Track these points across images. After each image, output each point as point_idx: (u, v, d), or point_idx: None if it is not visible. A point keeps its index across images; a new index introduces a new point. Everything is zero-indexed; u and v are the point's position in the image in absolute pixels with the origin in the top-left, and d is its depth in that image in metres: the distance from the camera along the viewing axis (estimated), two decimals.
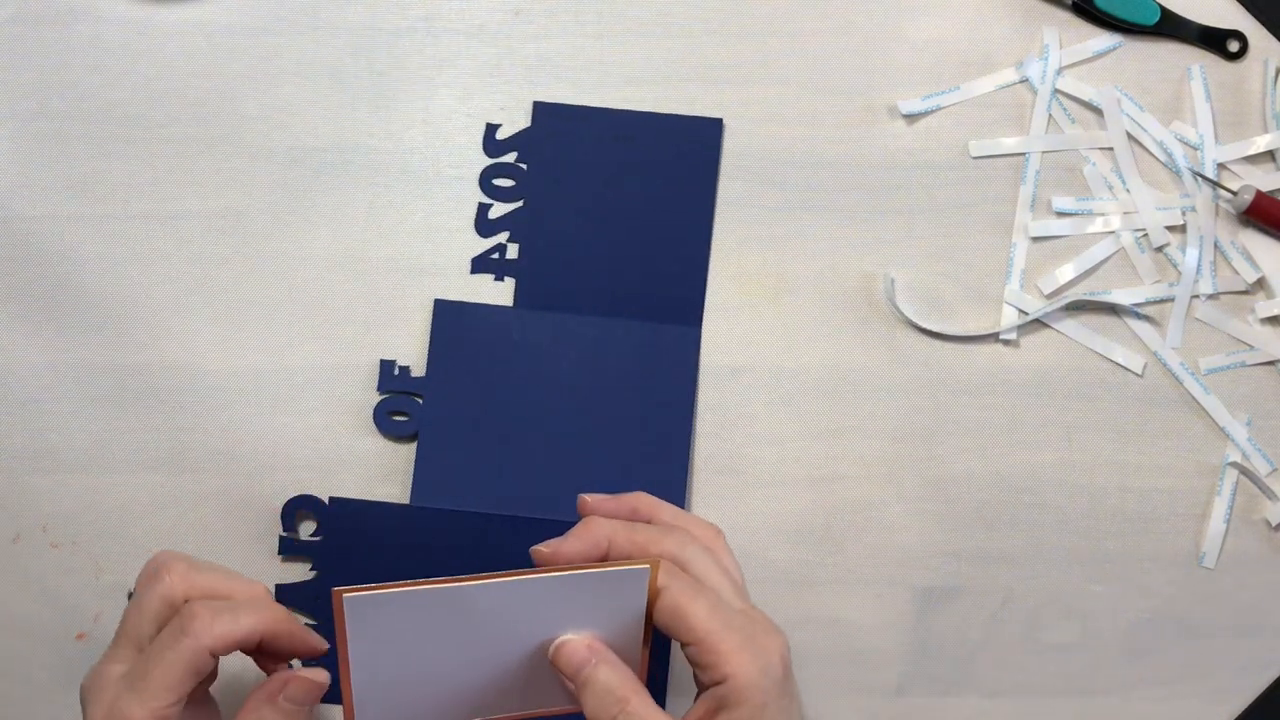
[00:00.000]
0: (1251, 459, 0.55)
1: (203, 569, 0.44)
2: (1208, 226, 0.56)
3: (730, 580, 0.44)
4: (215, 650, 0.42)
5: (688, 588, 0.42)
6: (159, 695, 0.41)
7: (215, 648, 0.42)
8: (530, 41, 0.56)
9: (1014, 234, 0.56)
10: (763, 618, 0.43)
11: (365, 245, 0.55)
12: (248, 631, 0.42)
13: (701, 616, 0.41)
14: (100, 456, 0.55)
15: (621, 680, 0.42)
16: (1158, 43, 0.57)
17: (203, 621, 0.42)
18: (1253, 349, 0.56)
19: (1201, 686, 0.55)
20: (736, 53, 0.56)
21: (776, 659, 0.41)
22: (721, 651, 0.41)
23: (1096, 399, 0.55)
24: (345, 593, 0.41)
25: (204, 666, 0.42)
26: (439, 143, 0.56)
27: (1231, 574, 0.55)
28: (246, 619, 0.43)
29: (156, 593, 0.43)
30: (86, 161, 0.55)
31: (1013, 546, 0.55)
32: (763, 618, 0.43)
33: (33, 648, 0.54)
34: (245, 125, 0.56)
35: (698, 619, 0.41)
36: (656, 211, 0.55)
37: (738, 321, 0.55)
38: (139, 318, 0.55)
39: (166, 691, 0.41)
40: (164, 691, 0.41)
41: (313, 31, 0.56)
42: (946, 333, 0.55)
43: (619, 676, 0.42)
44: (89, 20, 0.56)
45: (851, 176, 0.56)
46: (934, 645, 0.55)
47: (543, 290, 0.55)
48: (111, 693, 0.41)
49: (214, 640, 0.41)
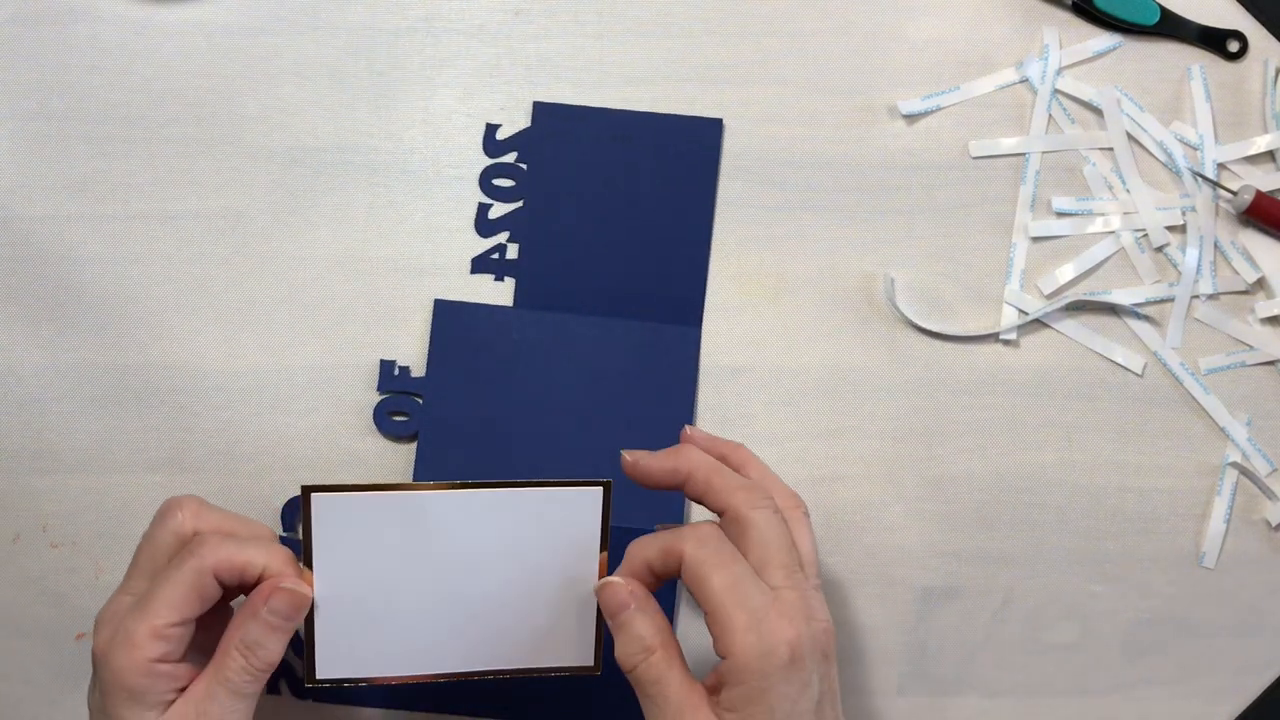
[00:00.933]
0: (1251, 459, 0.55)
1: (213, 509, 0.45)
2: (1208, 226, 0.56)
3: (787, 553, 0.43)
4: (219, 572, 0.42)
5: (713, 556, 0.42)
6: (160, 613, 0.41)
7: (219, 569, 0.42)
8: (530, 41, 0.56)
9: (1014, 234, 0.56)
10: (794, 601, 0.42)
11: (365, 245, 0.55)
12: (249, 560, 0.43)
13: (716, 588, 0.41)
14: (100, 456, 0.55)
15: (654, 631, 0.43)
16: (1158, 43, 0.57)
17: (209, 545, 0.43)
18: (1253, 349, 0.56)
19: (1201, 686, 0.55)
20: (736, 53, 0.56)
21: (783, 645, 0.41)
22: (728, 627, 0.41)
23: (1096, 399, 0.55)
24: (313, 490, 0.43)
25: (208, 589, 0.42)
26: (439, 143, 0.56)
27: (1231, 574, 0.55)
28: (252, 550, 0.43)
29: (168, 528, 0.44)
30: (86, 161, 0.55)
31: (1013, 546, 0.55)
32: (794, 601, 0.42)
33: (33, 648, 0.54)
34: (245, 125, 0.56)
35: (712, 590, 0.41)
36: (656, 211, 0.55)
37: (738, 321, 0.55)
38: (139, 318, 0.55)
39: (169, 609, 0.42)
40: (166, 609, 0.42)
41: (312, 31, 0.56)
42: (946, 333, 0.55)
43: (652, 627, 0.43)
44: (88, 20, 0.56)
45: (851, 176, 0.56)
46: (934, 645, 0.55)
47: (543, 290, 0.55)
48: (119, 617, 0.42)
49: (217, 562, 0.42)
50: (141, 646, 0.41)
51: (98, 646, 0.42)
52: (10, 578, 0.54)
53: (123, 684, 0.41)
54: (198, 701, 0.42)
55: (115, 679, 0.41)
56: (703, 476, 0.45)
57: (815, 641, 0.42)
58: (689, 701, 0.41)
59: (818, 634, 0.42)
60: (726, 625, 0.41)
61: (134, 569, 0.44)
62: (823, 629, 0.43)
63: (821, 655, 0.42)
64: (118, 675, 0.41)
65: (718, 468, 0.45)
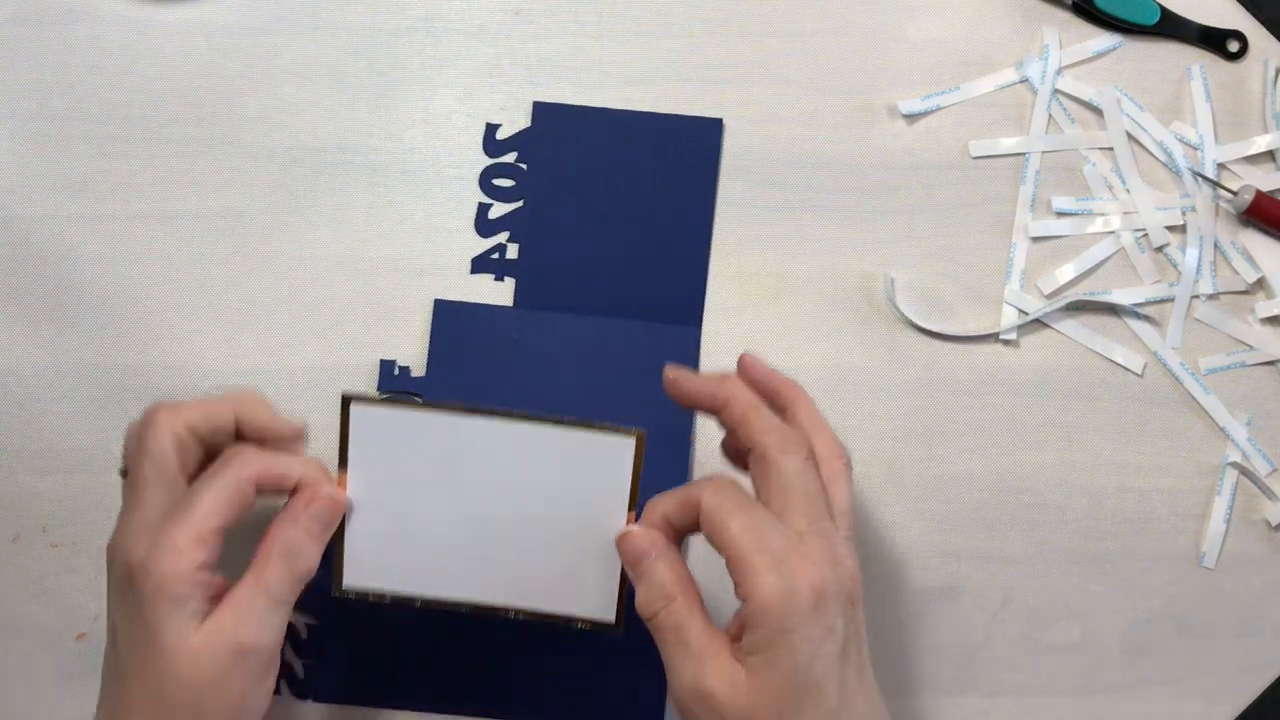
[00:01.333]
0: (1251, 459, 0.55)
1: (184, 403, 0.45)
2: (1208, 226, 0.56)
3: (812, 500, 0.42)
4: (259, 480, 0.43)
5: (730, 501, 0.42)
6: (204, 519, 0.42)
7: (259, 477, 0.43)
8: (530, 41, 0.56)
9: (1014, 234, 0.56)
10: (819, 546, 0.41)
11: (365, 245, 0.55)
12: (287, 470, 0.44)
13: (735, 532, 0.41)
14: (100, 456, 0.55)
15: (674, 578, 0.43)
16: (1158, 43, 0.57)
17: (248, 454, 0.43)
18: (1253, 349, 0.56)
19: (1201, 686, 0.55)
20: (736, 53, 0.56)
21: (807, 587, 0.40)
22: (747, 569, 0.40)
23: (1096, 399, 0.55)
24: (353, 401, 0.44)
25: (247, 497, 0.43)
26: (439, 143, 0.56)
27: (1231, 574, 0.55)
28: (289, 460, 0.44)
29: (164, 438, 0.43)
30: (86, 161, 0.55)
31: (1013, 546, 0.55)
32: (819, 546, 0.41)
33: (33, 648, 0.54)
34: (245, 125, 0.56)
35: (731, 534, 0.41)
36: (656, 211, 0.55)
37: (738, 321, 0.55)
38: (139, 318, 0.55)
39: (212, 516, 0.42)
40: (209, 515, 0.42)
41: (312, 31, 0.56)
42: (946, 333, 0.55)
43: (673, 575, 0.43)
44: (89, 20, 0.56)
45: (851, 176, 0.56)
46: (934, 645, 0.55)
47: (543, 290, 0.55)
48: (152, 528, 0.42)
49: (258, 470, 0.43)
50: (186, 552, 0.41)
51: (134, 558, 0.41)
52: (10, 578, 0.54)
53: (166, 591, 0.41)
54: (237, 608, 0.42)
55: (158, 587, 0.41)
56: (740, 409, 0.44)
57: (841, 586, 0.41)
58: (710, 648, 0.41)
59: (843, 578, 0.41)
60: (747, 568, 0.40)
61: (142, 486, 0.43)
62: (849, 574, 0.41)
63: (848, 600, 0.41)
64: (161, 583, 0.41)
65: (757, 405, 0.44)
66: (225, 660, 0.41)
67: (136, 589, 0.41)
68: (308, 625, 0.54)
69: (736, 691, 0.40)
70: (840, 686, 0.40)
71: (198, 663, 0.41)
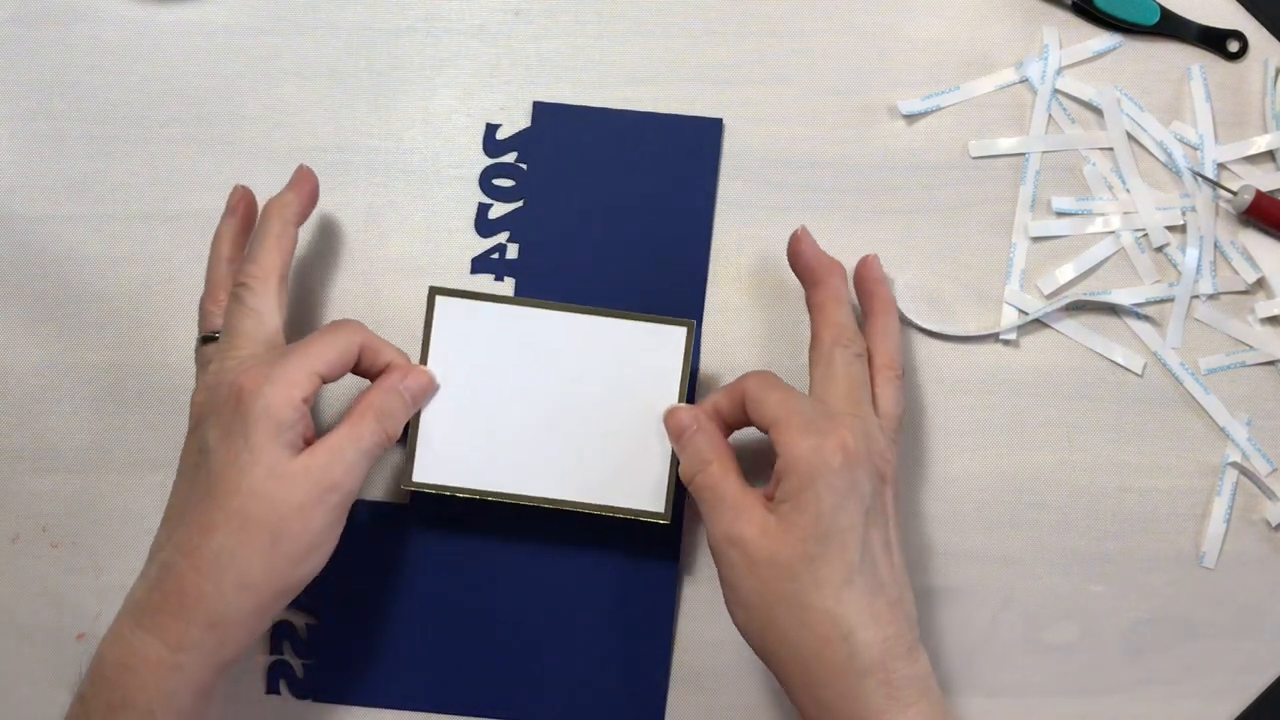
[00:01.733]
0: (1251, 459, 0.55)
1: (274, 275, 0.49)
2: (1208, 226, 0.56)
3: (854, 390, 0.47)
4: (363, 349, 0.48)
5: (771, 381, 0.47)
6: (317, 360, 0.46)
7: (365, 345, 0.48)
8: (530, 41, 0.56)
9: (1014, 234, 0.56)
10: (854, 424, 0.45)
11: (365, 245, 0.55)
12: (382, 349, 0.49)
13: (772, 403, 0.46)
14: (100, 456, 0.55)
15: (711, 446, 0.47)
16: (1158, 43, 0.57)
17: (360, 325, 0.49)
18: (1253, 349, 0.56)
19: (1201, 686, 0.55)
20: (736, 53, 0.56)
21: (835, 446, 0.44)
22: (782, 428, 0.45)
23: (1096, 399, 0.55)
24: (439, 293, 0.50)
25: (349, 359, 0.48)
26: (439, 143, 0.56)
27: (1231, 574, 0.55)
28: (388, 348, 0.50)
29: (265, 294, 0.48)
30: (86, 161, 0.55)
31: (1013, 546, 0.55)
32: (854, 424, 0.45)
33: (33, 648, 0.54)
34: (245, 125, 0.56)
35: (770, 404, 0.46)
36: (656, 212, 0.55)
37: (738, 322, 0.55)
38: (139, 318, 0.55)
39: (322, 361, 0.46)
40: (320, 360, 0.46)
41: (312, 31, 0.56)
42: (946, 333, 0.55)
43: (710, 444, 0.47)
44: (89, 20, 0.56)
45: (851, 176, 0.56)
46: (934, 645, 0.55)
47: (543, 290, 0.55)
48: (260, 365, 0.45)
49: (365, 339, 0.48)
50: (298, 384, 0.45)
51: (248, 382, 0.44)
52: (10, 578, 0.54)
53: (274, 415, 0.44)
54: (331, 450, 0.45)
55: (267, 410, 0.44)
56: (821, 296, 0.49)
57: (871, 459, 0.45)
58: (744, 500, 0.45)
59: (874, 454, 0.45)
60: (784, 426, 0.45)
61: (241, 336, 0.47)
62: (881, 454, 0.45)
63: (878, 475, 0.45)
64: (269, 407, 0.44)
65: (839, 299, 0.49)
66: (314, 492, 0.44)
67: (244, 411, 0.44)
68: (308, 625, 0.54)
69: (766, 534, 0.44)
70: (863, 544, 0.44)
71: (291, 489, 0.44)
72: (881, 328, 0.50)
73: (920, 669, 0.44)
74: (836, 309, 0.49)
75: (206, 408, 0.46)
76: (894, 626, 0.43)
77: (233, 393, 0.45)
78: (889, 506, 0.46)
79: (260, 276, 0.48)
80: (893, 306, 0.51)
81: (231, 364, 0.46)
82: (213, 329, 0.50)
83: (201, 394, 0.47)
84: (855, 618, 0.43)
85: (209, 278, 0.51)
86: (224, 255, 0.51)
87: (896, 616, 0.44)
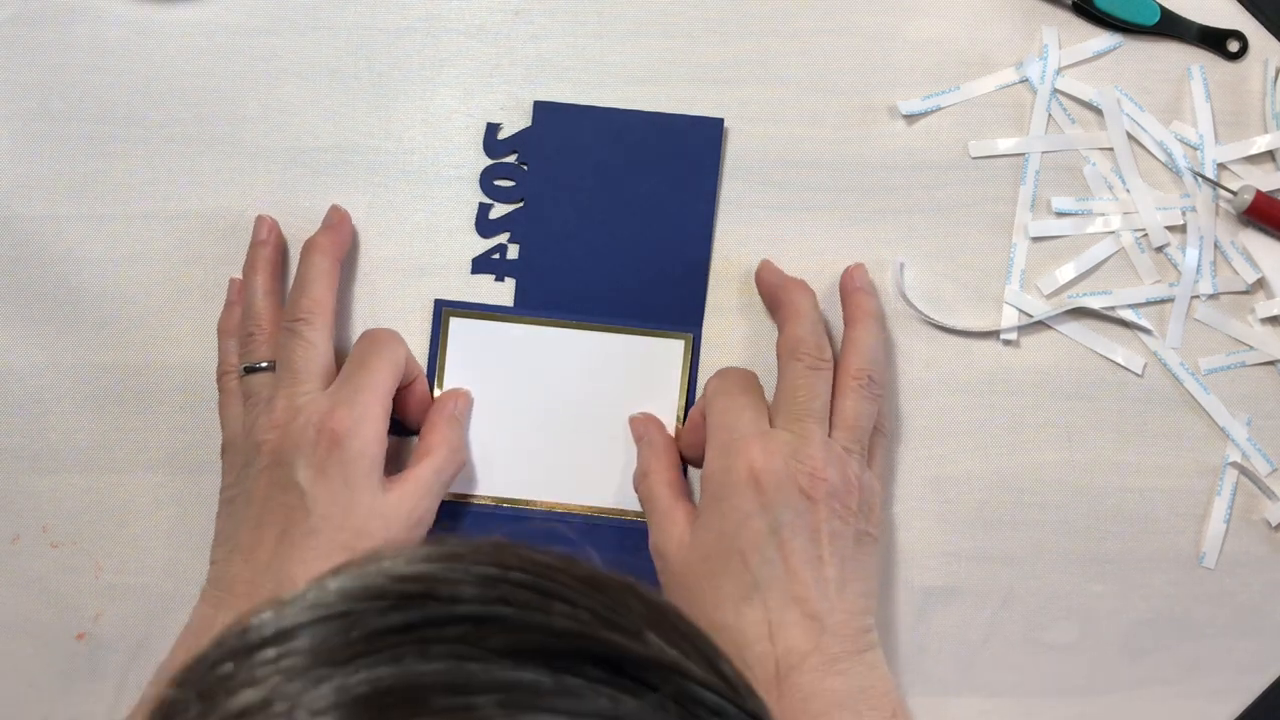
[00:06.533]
0: (1251, 459, 0.55)
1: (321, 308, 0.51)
2: (1208, 226, 0.56)
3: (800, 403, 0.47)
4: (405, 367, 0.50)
5: (726, 384, 0.50)
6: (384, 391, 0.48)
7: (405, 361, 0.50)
8: (530, 41, 0.56)
9: (1014, 234, 0.56)
10: (784, 440, 0.46)
11: (365, 245, 0.55)
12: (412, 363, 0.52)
13: (713, 411, 0.49)
14: (100, 456, 0.55)
15: (651, 455, 0.51)
16: (1158, 43, 0.57)
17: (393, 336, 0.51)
18: (1253, 349, 0.56)
19: (1201, 686, 0.55)
20: (736, 53, 0.56)
21: (744, 467, 0.46)
22: (707, 446, 0.48)
23: (1096, 399, 0.55)
24: (451, 314, 0.53)
25: (401, 374, 0.50)
26: (439, 143, 0.56)
27: (1231, 574, 0.55)
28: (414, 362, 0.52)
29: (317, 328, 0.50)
30: (86, 161, 0.55)
31: (1013, 546, 0.55)
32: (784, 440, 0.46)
33: (33, 648, 0.54)
34: (245, 125, 0.56)
35: (709, 413, 0.49)
36: (657, 212, 0.55)
37: (738, 322, 0.55)
38: (139, 318, 0.55)
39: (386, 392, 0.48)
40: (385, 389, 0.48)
41: (313, 31, 0.56)
42: (948, 325, 0.55)
43: (651, 452, 0.51)
44: (89, 20, 0.56)
45: (851, 176, 0.56)
46: (934, 645, 0.55)
47: (543, 291, 0.55)
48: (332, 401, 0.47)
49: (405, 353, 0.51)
50: (380, 419, 0.47)
51: (339, 425, 0.46)
52: (10, 578, 0.54)
53: (369, 455, 0.46)
54: (418, 482, 0.48)
55: (364, 452, 0.46)
56: (781, 314, 0.51)
57: (791, 479, 0.45)
58: (670, 516, 0.48)
59: (797, 474, 0.46)
60: (709, 443, 0.48)
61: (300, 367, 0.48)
62: (812, 472, 0.46)
63: (799, 493, 0.45)
64: (366, 448, 0.46)
65: (797, 313, 0.50)
66: (407, 525, 0.47)
67: (341, 453, 0.46)
68: None
69: (680, 549, 0.47)
70: (765, 564, 0.44)
71: (388, 525, 0.46)
72: (852, 338, 0.51)
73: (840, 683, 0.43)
74: (793, 324, 0.50)
75: (286, 445, 0.46)
76: (807, 641, 0.43)
77: (324, 434, 0.46)
78: (822, 523, 0.46)
79: (316, 311, 0.49)
80: (868, 316, 0.51)
81: (303, 401, 0.47)
82: (257, 360, 0.50)
83: (273, 432, 0.47)
84: (752, 631, 0.43)
85: (249, 309, 0.52)
86: (263, 287, 0.52)
87: (812, 631, 0.44)
